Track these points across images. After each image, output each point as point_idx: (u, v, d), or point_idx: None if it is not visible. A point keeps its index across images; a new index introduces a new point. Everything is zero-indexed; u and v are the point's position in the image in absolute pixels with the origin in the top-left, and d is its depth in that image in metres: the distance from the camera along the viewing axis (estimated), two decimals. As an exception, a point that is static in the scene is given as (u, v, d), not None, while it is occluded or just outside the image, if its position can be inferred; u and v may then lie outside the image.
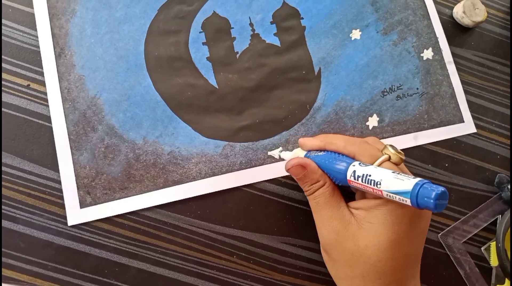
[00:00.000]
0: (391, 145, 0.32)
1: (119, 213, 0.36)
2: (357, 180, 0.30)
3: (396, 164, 0.31)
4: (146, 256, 0.37)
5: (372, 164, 0.30)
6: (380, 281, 0.30)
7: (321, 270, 0.39)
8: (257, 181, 0.39)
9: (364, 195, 0.33)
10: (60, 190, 0.36)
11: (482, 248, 0.42)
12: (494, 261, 0.41)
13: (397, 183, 0.27)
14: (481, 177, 0.44)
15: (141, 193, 0.37)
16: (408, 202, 0.26)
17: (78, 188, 0.36)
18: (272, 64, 0.42)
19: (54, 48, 0.39)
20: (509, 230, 0.41)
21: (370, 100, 0.43)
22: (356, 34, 0.44)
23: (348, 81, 0.43)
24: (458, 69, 0.45)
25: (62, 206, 0.36)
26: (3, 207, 0.36)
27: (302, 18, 0.43)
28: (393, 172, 0.28)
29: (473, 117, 0.45)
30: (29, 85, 0.38)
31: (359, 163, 0.30)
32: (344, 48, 0.43)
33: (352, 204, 0.32)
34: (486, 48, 0.47)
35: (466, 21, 0.45)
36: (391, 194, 0.27)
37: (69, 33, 0.39)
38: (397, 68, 0.44)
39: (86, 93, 0.38)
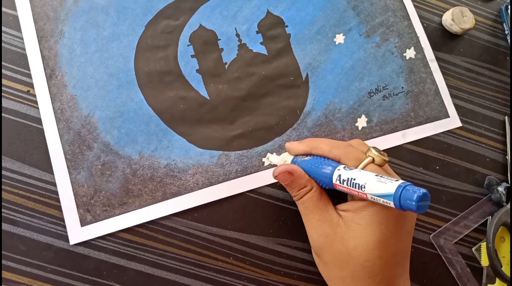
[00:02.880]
0: (374, 147, 0.33)
1: (120, 228, 0.37)
2: (343, 184, 0.30)
3: (380, 165, 0.32)
4: (144, 258, 0.37)
5: (356, 167, 0.31)
6: (369, 280, 0.31)
7: (316, 271, 0.39)
8: (253, 188, 0.40)
9: (352, 197, 0.34)
10: (58, 193, 0.37)
11: (473, 249, 0.43)
12: (484, 261, 0.42)
13: (380, 186, 0.28)
14: (471, 180, 0.45)
15: (141, 208, 0.38)
16: (392, 204, 0.27)
17: (77, 207, 0.37)
18: (261, 72, 0.43)
19: (45, 70, 0.39)
20: (498, 231, 0.42)
21: (357, 101, 0.44)
22: (339, 39, 0.45)
23: (335, 84, 0.44)
24: (447, 75, 0.47)
25: (61, 209, 0.37)
26: (3, 210, 0.36)
27: (287, 26, 0.45)
28: (377, 175, 0.28)
29: (463, 121, 0.46)
30: (29, 91, 0.38)
31: (344, 167, 0.31)
32: (329, 52, 0.45)
33: (339, 206, 0.33)
34: (474, 54, 0.49)
35: (454, 28, 0.47)
36: (375, 197, 0.28)
37: (59, 54, 0.40)
38: (382, 69, 0.45)
39: (80, 112, 0.39)
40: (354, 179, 0.29)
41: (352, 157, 0.32)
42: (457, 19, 0.47)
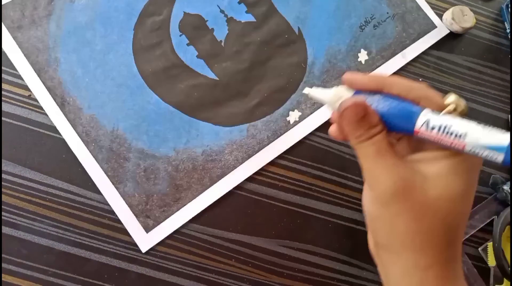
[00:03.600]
0: (453, 94, 0.29)
1: (185, 221, 0.38)
2: (431, 130, 0.26)
3: (463, 114, 0.28)
4: (145, 260, 0.37)
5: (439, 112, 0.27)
6: (445, 238, 0.27)
7: (319, 272, 0.40)
8: (291, 145, 0.41)
9: (424, 146, 0.29)
10: (60, 197, 0.37)
11: (480, 249, 0.42)
12: (491, 261, 0.41)
13: (489, 136, 0.24)
14: None
15: (194, 198, 0.39)
16: (499, 158, 0.23)
17: (136, 216, 0.37)
18: (256, 39, 0.44)
19: (55, 100, 0.39)
20: (505, 230, 0.41)
21: (353, 38, 0.46)
22: (317, -15, 0.46)
23: (327, 29, 0.45)
24: (449, 74, 0.47)
25: (62, 212, 0.37)
26: (4, 214, 0.36)
27: (264, -12, 0.45)
28: (480, 125, 0.25)
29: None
30: (30, 95, 0.39)
31: (432, 112, 0.27)
32: (311, 1, 0.46)
33: (413, 156, 0.29)
34: (476, 53, 0.49)
35: (455, 27, 0.47)
36: (478, 149, 0.24)
37: (62, 81, 0.39)
38: (363, 1, 0.47)
39: (104, 130, 0.39)
40: (451, 126, 0.25)
41: (436, 101, 0.27)
42: (457, 18, 0.46)
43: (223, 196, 0.39)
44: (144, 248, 0.37)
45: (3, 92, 0.39)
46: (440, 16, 0.49)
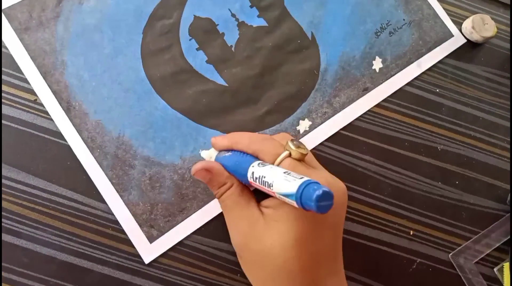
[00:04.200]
0: (292, 140, 0.31)
1: (190, 232, 0.37)
2: (256, 181, 0.28)
3: (298, 159, 0.30)
4: (148, 273, 0.36)
5: (273, 162, 0.29)
6: (290, 283, 0.29)
7: None
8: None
9: None
10: (64, 205, 0.37)
11: (495, 269, 0.41)
12: (507, 283, 0.40)
13: (285, 185, 0.25)
14: (493, 195, 0.43)
15: (200, 208, 0.38)
16: (295, 204, 0.25)
17: (140, 226, 0.36)
18: (267, 44, 0.43)
19: (60, 104, 0.38)
20: None
21: (367, 44, 0.44)
22: (331, -11, 0.45)
23: (341, 34, 0.44)
24: (467, 85, 0.45)
25: (66, 221, 0.36)
26: (7, 221, 0.36)
27: (277, -8, 0.44)
28: (285, 172, 0.26)
29: (484, 134, 0.44)
30: (36, 100, 0.38)
31: (258, 163, 0.29)
32: (325, 5, 0.44)
33: (263, 202, 0.31)
34: (496, 64, 0.47)
35: (475, 36, 0.45)
36: (282, 197, 0.26)
37: (69, 84, 0.39)
38: (379, 6, 0.45)
39: (110, 136, 0.38)
40: (264, 177, 0.27)
41: (269, 152, 0.30)
42: (477, 27, 0.45)
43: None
44: (147, 259, 0.36)
45: (9, 96, 0.38)
46: (459, 25, 0.47)
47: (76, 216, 0.37)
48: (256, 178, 0.28)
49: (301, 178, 0.25)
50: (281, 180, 0.26)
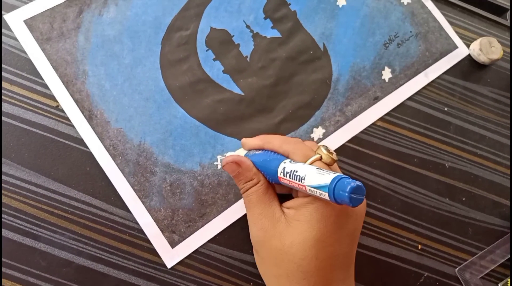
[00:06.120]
0: (324, 146, 0.32)
1: (211, 237, 0.38)
2: (286, 176, 0.30)
3: (328, 164, 0.31)
4: (164, 279, 0.37)
5: (304, 163, 0.31)
6: (304, 282, 0.29)
7: None
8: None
9: (297, 194, 0.33)
10: (82, 210, 0.37)
11: (500, 284, 0.42)
12: None
13: (318, 177, 0.27)
14: (498, 212, 0.44)
15: (219, 214, 0.39)
16: (327, 196, 0.26)
17: (162, 231, 0.37)
18: (281, 55, 0.44)
19: (82, 112, 0.39)
20: None
21: (377, 55, 0.46)
22: (341, 1, 0.47)
23: (352, 45, 0.46)
24: (474, 105, 0.47)
25: (84, 226, 0.37)
26: (26, 224, 0.36)
27: (290, 4, 0.46)
28: (318, 168, 0.28)
29: (490, 152, 0.46)
30: (57, 106, 0.39)
31: (290, 161, 0.31)
32: (336, 17, 0.46)
33: (285, 204, 0.32)
34: (502, 85, 0.48)
35: (482, 58, 0.47)
36: (313, 189, 0.27)
37: (90, 94, 0.40)
38: (387, 19, 0.47)
39: (131, 143, 0.39)
40: (296, 171, 0.29)
41: (301, 153, 0.31)
42: (485, 49, 0.47)
43: (242, 217, 0.39)
44: (169, 264, 0.37)
45: (31, 102, 0.39)
46: (467, 45, 0.49)
47: (94, 221, 0.38)
48: (287, 172, 0.30)
49: (334, 173, 0.26)
50: (314, 174, 0.27)
